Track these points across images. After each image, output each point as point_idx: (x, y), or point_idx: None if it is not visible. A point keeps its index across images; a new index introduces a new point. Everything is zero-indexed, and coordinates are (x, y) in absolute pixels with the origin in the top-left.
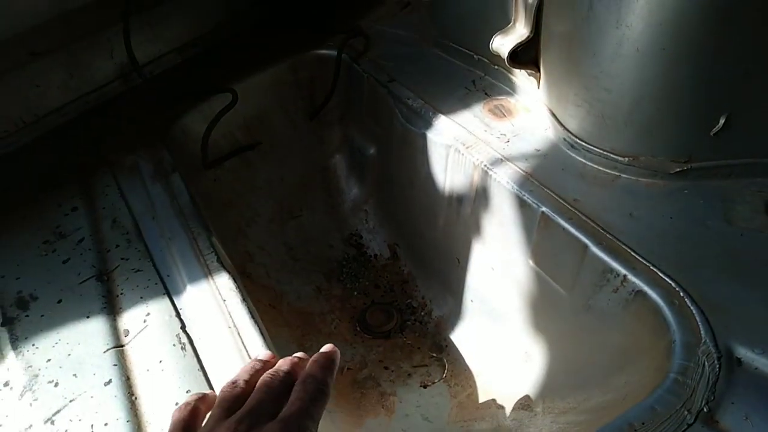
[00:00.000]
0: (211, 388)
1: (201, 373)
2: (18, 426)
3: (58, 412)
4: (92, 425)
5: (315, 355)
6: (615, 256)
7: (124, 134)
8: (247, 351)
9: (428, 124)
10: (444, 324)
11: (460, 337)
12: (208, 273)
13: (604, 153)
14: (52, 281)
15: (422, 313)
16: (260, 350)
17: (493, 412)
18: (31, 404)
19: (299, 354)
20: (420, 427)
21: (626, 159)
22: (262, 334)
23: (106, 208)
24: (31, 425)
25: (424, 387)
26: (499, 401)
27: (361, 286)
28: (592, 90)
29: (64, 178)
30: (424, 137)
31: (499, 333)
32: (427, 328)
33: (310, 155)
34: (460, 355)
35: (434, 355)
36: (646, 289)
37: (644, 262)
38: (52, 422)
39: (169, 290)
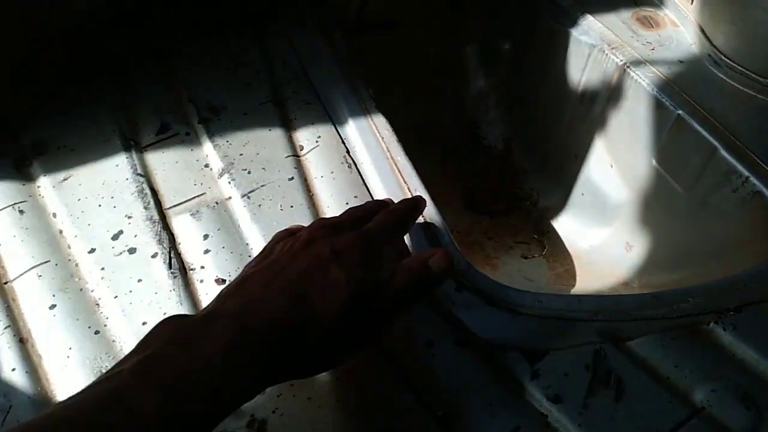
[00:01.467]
0: (371, 195)
1: (364, 186)
2: (219, 196)
3: (252, 191)
4: (280, 205)
5: (403, 198)
6: (741, 160)
7: None
8: (402, 176)
9: (574, 23)
10: (549, 213)
11: (563, 225)
12: (367, 113)
13: (746, 72)
14: (236, 98)
15: (528, 203)
16: (411, 179)
17: (591, 283)
18: (229, 182)
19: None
20: (522, 283)
21: (766, 80)
22: (414, 166)
23: (277, 51)
24: (230, 197)
25: (525, 258)
26: (596, 277)
27: (473, 172)
28: (750, 9)
29: (237, 23)
30: (568, 35)
31: (604, 225)
32: (531, 215)
33: (444, 42)
34: (561, 240)
35: (536, 236)
36: (765, 191)
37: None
38: (248, 197)
39: (335, 123)
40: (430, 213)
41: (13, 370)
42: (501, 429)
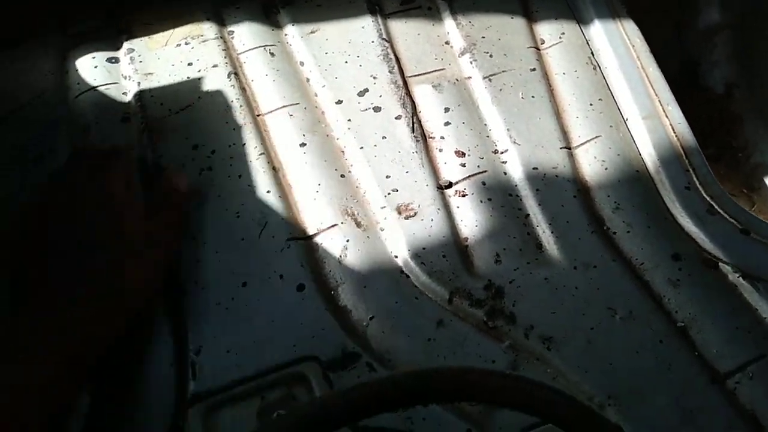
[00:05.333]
0: (616, 102)
1: (609, 91)
2: (460, 74)
3: (493, 74)
4: (521, 94)
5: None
6: None
7: None
8: (653, 88)
9: None
10: (763, 169)
11: None
12: (616, 17)
13: None
14: None
15: (739, 155)
16: (663, 92)
17: None
18: (470, 62)
19: None
20: None
21: None
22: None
23: None
24: (470, 76)
25: None
26: None
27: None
28: None
29: None
30: None
31: None
32: (740, 168)
33: None
34: None
35: (745, 191)
36: None
37: None
38: (489, 80)
39: (579, 21)
40: (682, 131)
41: (268, 192)
42: (745, 354)
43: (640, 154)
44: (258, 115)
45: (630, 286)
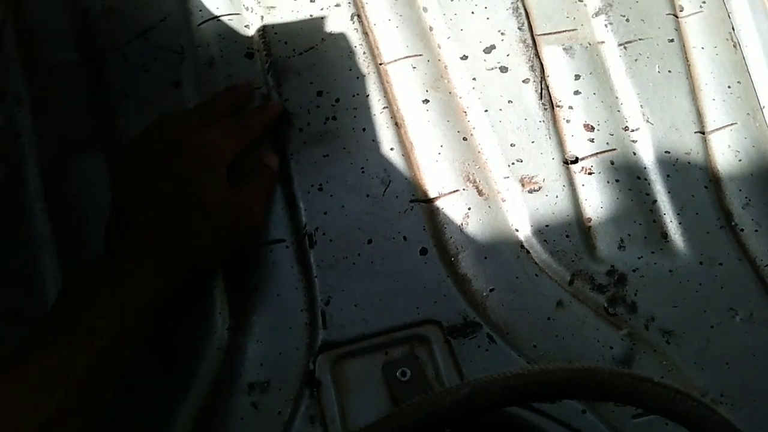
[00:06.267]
0: (754, 87)
1: (748, 74)
2: (592, 38)
3: (629, 42)
4: (658, 67)
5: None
6: None
7: None
8: None
9: None
10: None
11: None
12: None
13: None
14: None
15: None
16: None
17: None
18: (605, 25)
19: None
20: None
21: None
22: None
23: None
24: (604, 41)
25: None
26: None
27: None
28: None
29: None
30: None
31: None
32: None
33: None
34: None
35: None
36: None
37: None
38: (624, 48)
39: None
40: None
41: (391, 149)
42: None
43: None
44: (380, 64)
45: (753, 288)
